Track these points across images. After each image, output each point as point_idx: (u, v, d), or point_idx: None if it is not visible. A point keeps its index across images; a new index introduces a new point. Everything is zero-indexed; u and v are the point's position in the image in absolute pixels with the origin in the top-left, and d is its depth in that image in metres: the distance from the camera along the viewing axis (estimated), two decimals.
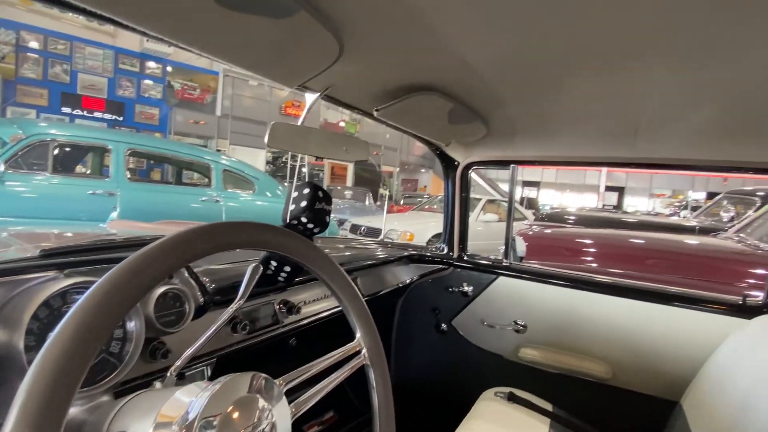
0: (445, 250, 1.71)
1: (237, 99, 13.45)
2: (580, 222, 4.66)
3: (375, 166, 16.93)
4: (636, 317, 1.39)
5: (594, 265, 2.70)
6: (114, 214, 3.58)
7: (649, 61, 0.75)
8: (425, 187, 21.06)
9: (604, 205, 17.84)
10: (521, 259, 2.82)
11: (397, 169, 19.19)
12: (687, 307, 1.33)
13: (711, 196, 13.72)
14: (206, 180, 4.66)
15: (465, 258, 1.68)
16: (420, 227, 6.43)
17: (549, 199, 19.94)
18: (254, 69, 0.80)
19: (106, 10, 0.53)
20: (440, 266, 1.68)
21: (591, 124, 1.19)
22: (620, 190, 20.62)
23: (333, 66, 0.79)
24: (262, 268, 0.64)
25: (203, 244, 0.49)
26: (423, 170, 21.50)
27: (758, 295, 1.29)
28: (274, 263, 0.88)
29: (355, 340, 0.66)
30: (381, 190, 16.34)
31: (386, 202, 3.96)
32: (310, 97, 1.03)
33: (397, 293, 1.52)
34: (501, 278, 1.59)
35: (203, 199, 4.40)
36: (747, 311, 1.25)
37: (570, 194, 21.11)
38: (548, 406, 1.37)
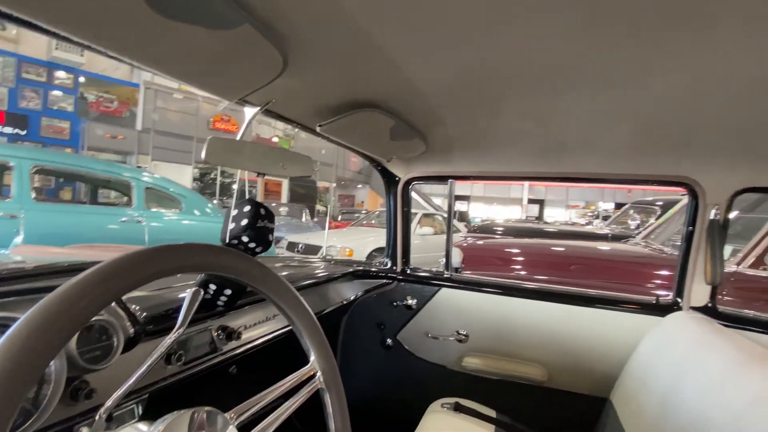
0: (389, 265, 1.72)
1: (160, 112, 12.66)
2: (508, 233, 4.94)
3: (313, 182, 16.73)
4: (566, 320, 1.49)
5: (523, 272, 2.86)
6: (18, 239, 3.17)
7: (574, 85, 0.83)
8: (362, 202, 21.19)
9: (527, 217, 19.17)
10: (458, 270, 2.92)
11: (334, 184, 19.13)
12: (609, 308, 1.45)
13: (619, 206, 15.29)
14: (126, 199, 4.30)
15: (408, 272, 1.70)
16: (359, 243, 6.43)
17: (478, 212, 20.97)
18: (191, 81, 0.76)
19: (25, 13, 0.47)
20: (384, 281, 1.69)
21: (523, 142, 1.28)
22: (541, 203, 22.28)
23: (276, 80, 0.77)
24: (203, 292, 0.60)
25: (146, 269, 0.44)
26: (359, 186, 21.64)
27: (668, 295, 1.44)
28: (213, 286, 0.83)
29: (309, 364, 0.63)
30: (318, 206, 16.15)
31: (327, 218, 3.91)
32: (249, 112, 0.99)
33: (342, 311, 1.49)
34: (443, 290, 1.62)
35: (123, 219, 4.05)
36: (660, 309, 1.39)
37: (497, 207, 22.39)
38: (492, 413, 1.41)
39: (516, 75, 0.80)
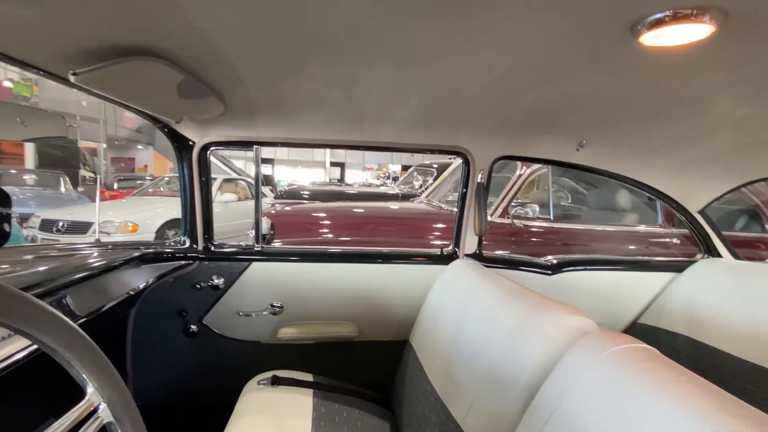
0: (187, 243, 1.51)
1: None
2: (314, 197, 5.04)
3: (72, 142, 13.23)
4: (370, 278, 1.61)
5: (330, 235, 2.98)
6: None
7: (375, 59, 0.87)
8: (146, 166, 18.13)
9: (330, 179, 20.02)
10: (266, 237, 2.83)
11: (104, 145, 15.73)
12: (404, 263, 1.64)
13: (405, 168, 17.44)
14: None
15: (212, 249, 1.53)
16: (145, 215, 5.54)
17: (283, 176, 20.77)
18: None
19: None
20: (183, 262, 1.48)
21: (328, 110, 1.26)
22: (342, 165, 23.56)
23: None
24: None
25: None
26: (140, 146, 18.40)
27: (449, 245, 1.71)
28: None
29: (86, 398, 0.49)
30: (83, 172, 13.09)
31: (98, 187, 3.13)
32: None
33: (128, 303, 1.25)
34: (254, 264, 1.53)
35: None
36: (444, 259, 1.64)
37: (301, 170, 22.62)
38: (309, 377, 1.44)
39: (320, 43, 0.79)
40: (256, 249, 1.55)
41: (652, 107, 1.14)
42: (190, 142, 1.44)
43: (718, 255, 1.82)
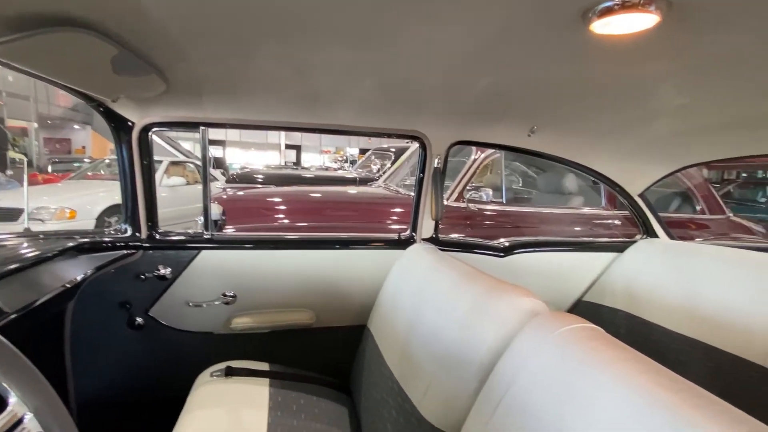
0: (129, 232, 1.41)
1: None
2: (269, 180, 4.90)
3: None
4: (328, 264, 1.59)
5: (287, 221, 2.91)
6: None
7: (329, 38, 0.83)
8: (83, 147, 16.83)
9: (285, 162, 19.55)
10: (218, 222, 2.72)
11: (35, 124, 14.41)
12: (363, 248, 1.63)
13: (363, 151, 17.32)
14: None
15: (157, 237, 1.44)
16: (84, 200, 5.17)
17: (235, 158, 20.00)
18: None
19: None
20: (125, 252, 1.39)
21: (280, 90, 1.21)
22: (298, 148, 23.02)
23: None
24: None
25: None
26: (77, 126, 17.02)
27: (407, 230, 1.72)
28: None
29: (8, 408, 0.44)
30: (12, 154, 11.99)
31: (25, 170, 2.85)
32: None
33: (65, 297, 1.15)
34: (203, 252, 1.46)
35: None
36: (402, 244, 1.64)
37: (255, 152, 21.88)
38: (265, 366, 1.41)
39: (270, 18, 0.75)
40: (205, 237, 1.48)
41: (599, 94, 1.18)
42: (129, 123, 1.33)
43: (656, 235, 1.95)
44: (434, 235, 1.71)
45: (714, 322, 1.33)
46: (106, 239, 1.38)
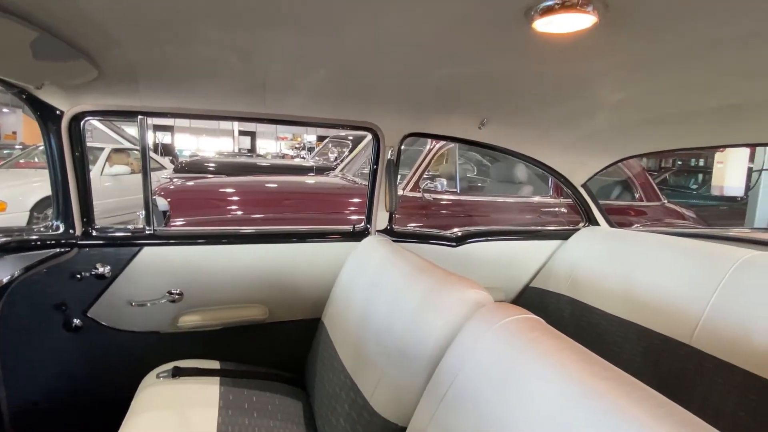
0: (61, 228, 1.32)
1: None
2: (221, 169, 4.72)
3: None
4: (282, 258, 1.56)
5: (240, 212, 2.82)
6: None
7: (275, 22, 0.80)
8: (14, 133, 15.41)
9: (240, 149, 18.89)
10: (166, 214, 2.59)
11: None
12: (318, 241, 1.61)
13: (321, 138, 17.04)
14: None
15: (94, 233, 1.35)
16: (15, 191, 4.78)
17: (185, 144, 19.06)
18: None
19: None
20: (57, 250, 1.29)
21: (225, 78, 1.16)
22: (252, 134, 22.27)
23: None
24: None
25: None
26: (6, 110, 15.53)
27: (362, 222, 1.71)
28: None
29: None
30: None
31: None
32: None
33: None
34: (146, 249, 1.39)
35: None
36: (357, 236, 1.64)
37: (206, 138, 20.94)
38: (216, 365, 1.38)
39: (207, 0, 0.70)
40: (147, 232, 1.41)
41: (544, 89, 1.22)
42: (57, 111, 1.23)
43: (597, 224, 2.07)
44: (389, 227, 1.72)
45: (646, 305, 1.43)
46: (33, 237, 1.27)
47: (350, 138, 5.28)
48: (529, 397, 0.62)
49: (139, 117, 1.35)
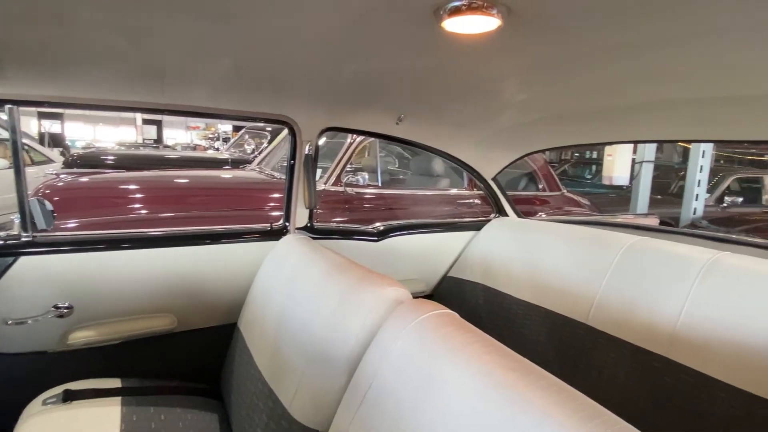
0: None
1: None
2: (122, 163, 4.26)
3: None
4: (191, 262, 1.45)
5: (144, 211, 2.58)
6: None
7: (165, 4, 0.73)
8: None
9: (144, 140, 17.25)
10: (53, 214, 2.27)
11: None
12: (233, 242, 1.52)
13: (237, 129, 16.12)
14: None
15: None
16: None
17: (78, 134, 16.94)
18: None
19: None
20: None
21: (114, 64, 1.03)
22: (158, 123, 20.43)
23: None
24: None
25: None
26: None
27: (280, 220, 1.65)
28: None
29: None
30: None
31: None
32: None
33: None
34: (22, 259, 1.20)
35: None
36: (275, 234, 1.57)
37: (104, 128, 18.78)
38: (117, 383, 1.24)
39: None
40: (23, 239, 1.22)
41: (456, 87, 1.26)
42: None
43: (506, 214, 2.21)
44: (309, 224, 1.67)
45: (549, 288, 1.56)
46: None
47: (269, 129, 5.07)
48: (444, 392, 0.64)
49: (8, 106, 1.16)
